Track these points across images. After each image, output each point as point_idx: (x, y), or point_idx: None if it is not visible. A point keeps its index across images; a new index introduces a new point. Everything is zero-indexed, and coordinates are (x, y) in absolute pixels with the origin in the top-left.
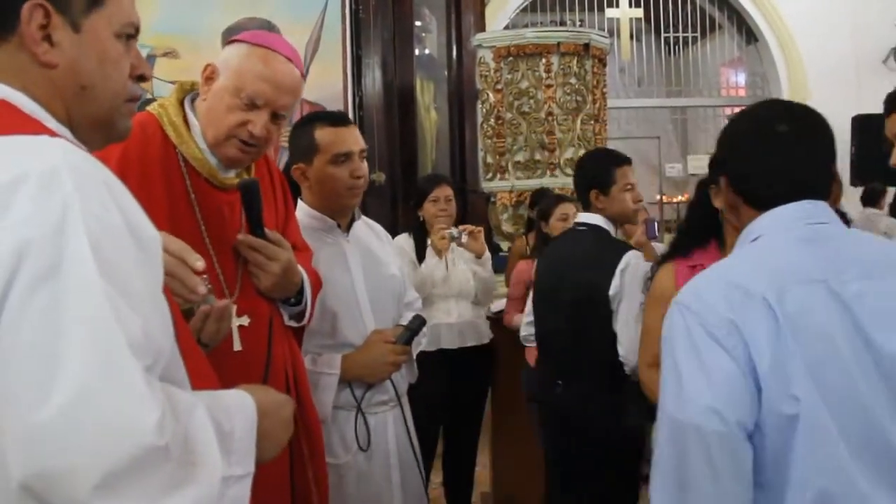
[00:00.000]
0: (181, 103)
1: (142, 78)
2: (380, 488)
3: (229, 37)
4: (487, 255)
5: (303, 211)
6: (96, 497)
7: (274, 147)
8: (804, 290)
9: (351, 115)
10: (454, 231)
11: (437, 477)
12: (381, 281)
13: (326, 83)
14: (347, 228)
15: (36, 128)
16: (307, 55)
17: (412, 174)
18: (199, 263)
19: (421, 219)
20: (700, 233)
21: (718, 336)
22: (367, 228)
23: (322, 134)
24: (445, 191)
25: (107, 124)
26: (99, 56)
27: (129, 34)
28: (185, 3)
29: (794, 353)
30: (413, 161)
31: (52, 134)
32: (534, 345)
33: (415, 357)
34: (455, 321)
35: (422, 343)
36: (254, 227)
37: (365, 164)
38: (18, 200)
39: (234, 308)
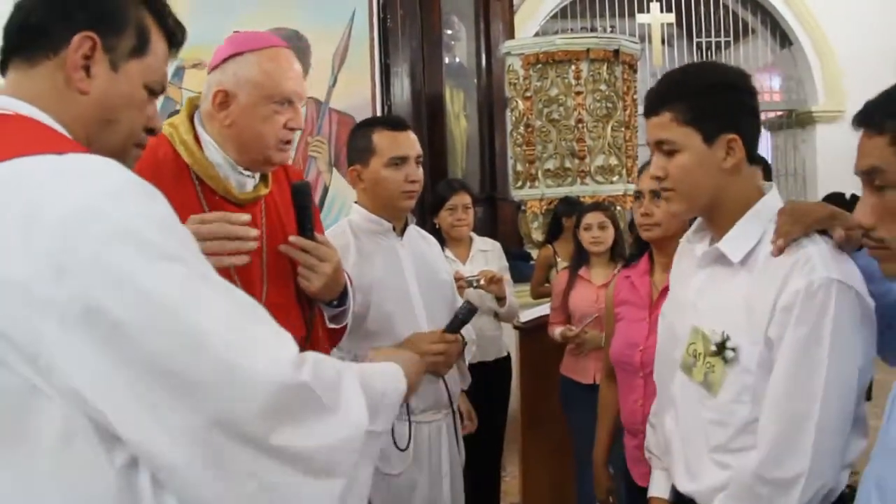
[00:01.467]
0: (191, 120)
1: (151, 131)
2: (430, 499)
3: (231, 38)
4: (510, 295)
5: (359, 213)
6: (260, 426)
7: (302, 157)
8: None
9: None
10: (472, 279)
11: None
12: (434, 284)
13: (355, 92)
14: (402, 232)
15: (69, 144)
16: (335, 65)
17: (442, 176)
18: (244, 216)
19: (437, 226)
20: (643, 246)
21: None
22: (417, 234)
23: (380, 137)
24: (464, 198)
25: (117, 158)
26: (126, 97)
27: (155, 90)
28: (213, 15)
29: None
30: (443, 169)
31: (86, 150)
32: None
33: (466, 363)
34: (475, 336)
35: (472, 351)
36: (304, 229)
37: (421, 170)
38: (96, 223)
39: None
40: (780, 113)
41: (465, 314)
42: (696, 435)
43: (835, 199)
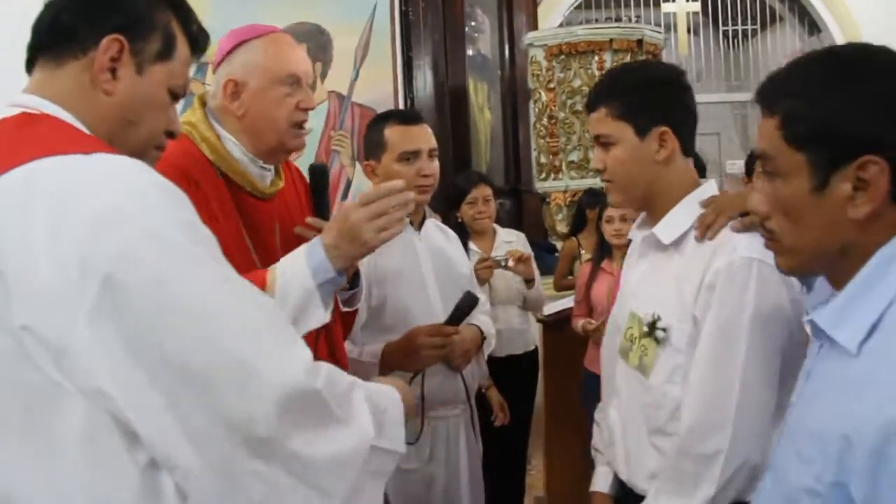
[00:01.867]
0: (206, 117)
1: (171, 134)
2: (448, 494)
3: (231, 31)
4: (537, 278)
5: None
6: (275, 428)
7: (325, 151)
8: None
9: None
10: (500, 259)
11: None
12: (452, 278)
13: (377, 86)
14: (419, 226)
15: (95, 144)
16: (357, 59)
17: (467, 165)
18: (398, 183)
19: (459, 220)
20: None
21: None
22: (436, 228)
23: (391, 132)
24: (484, 191)
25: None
26: (149, 100)
27: (177, 94)
28: (235, 10)
29: None
30: (467, 162)
31: (112, 150)
32: None
33: (486, 358)
34: (501, 328)
35: (492, 345)
36: (322, 210)
37: (435, 164)
38: (120, 222)
39: None
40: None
41: (466, 305)
42: (635, 421)
43: None
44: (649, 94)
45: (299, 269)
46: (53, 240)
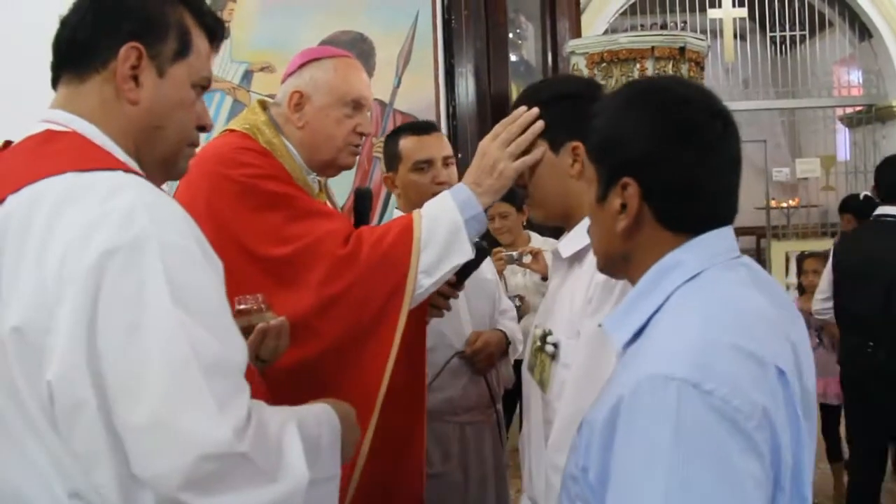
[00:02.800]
0: (270, 122)
1: (202, 128)
2: (474, 498)
3: (304, 50)
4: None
5: None
6: (184, 493)
7: (367, 157)
8: (788, 352)
9: (444, 125)
10: (514, 253)
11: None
12: (476, 283)
13: (419, 93)
14: None
15: (110, 161)
16: (399, 66)
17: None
18: (522, 108)
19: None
20: None
21: (750, 432)
22: None
23: (405, 143)
24: (499, 208)
25: (171, 164)
26: (174, 101)
27: (202, 86)
28: (280, 19)
29: (807, 443)
30: None
31: (126, 167)
32: (828, 316)
33: (512, 362)
34: (521, 336)
35: (518, 350)
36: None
37: (452, 171)
38: (98, 237)
39: None
40: (858, 108)
41: (476, 255)
42: (537, 437)
43: (850, 199)
44: (561, 109)
45: (446, 206)
46: (40, 256)
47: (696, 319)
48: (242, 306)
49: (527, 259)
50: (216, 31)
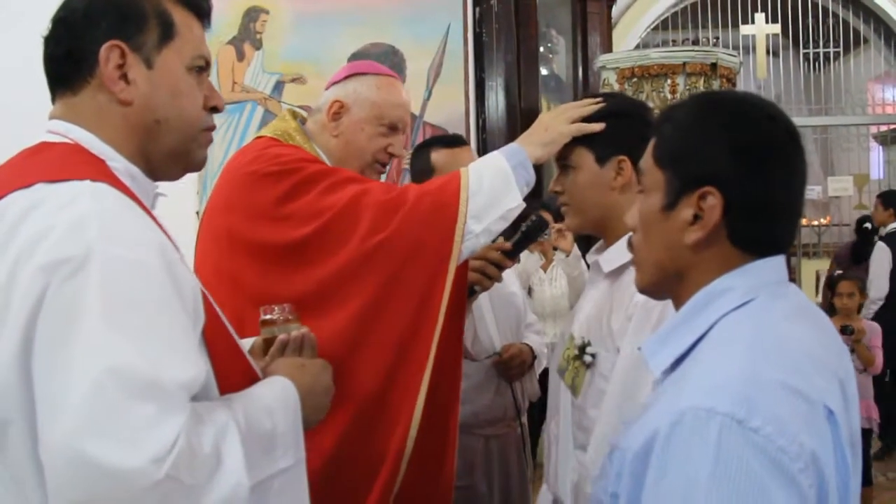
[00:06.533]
0: (301, 130)
1: (215, 109)
2: None
3: (354, 62)
4: (576, 252)
5: None
6: None
7: (396, 170)
8: (836, 390)
9: (474, 139)
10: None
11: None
12: (503, 296)
13: (449, 107)
14: None
15: (87, 171)
16: (430, 79)
17: (537, 196)
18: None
19: None
20: None
21: (794, 475)
22: None
23: (437, 156)
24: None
25: (183, 155)
26: (171, 90)
27: (200, 66)
28: (312, 31)
29: (853, 486)
30: (539, 183)
31: (110, 177)
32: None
33: (537, 375)
34: (551, 341)
35: (543, 363)
36: None
37: None
38: (43, 248)
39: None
40: (894, 126)
41: (533, 227)
42: (566, 436)
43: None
44: (611, 124)
45: (492, 156)
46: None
47: (742, 352)
48: (267, 316)
49: (552, 236)
50: (200, 6)
